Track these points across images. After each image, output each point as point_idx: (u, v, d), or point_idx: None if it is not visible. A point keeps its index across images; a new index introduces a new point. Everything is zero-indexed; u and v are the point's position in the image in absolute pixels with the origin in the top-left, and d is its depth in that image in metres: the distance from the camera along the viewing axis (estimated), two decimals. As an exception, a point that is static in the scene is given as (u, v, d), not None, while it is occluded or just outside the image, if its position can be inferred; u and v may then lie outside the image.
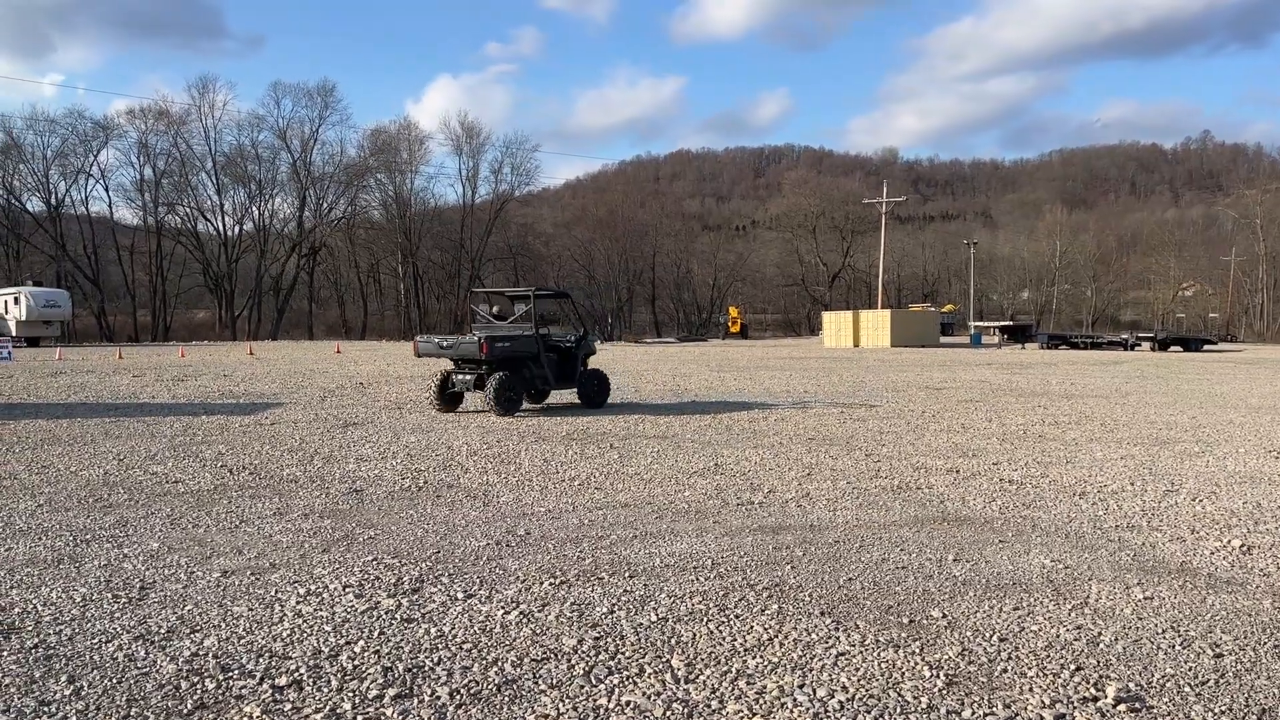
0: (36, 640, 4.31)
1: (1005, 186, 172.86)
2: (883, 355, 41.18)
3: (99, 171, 76.50)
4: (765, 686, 3.86)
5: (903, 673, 4.02)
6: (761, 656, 4.19)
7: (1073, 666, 4.11)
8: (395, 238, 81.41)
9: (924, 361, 34.13)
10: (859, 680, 3.93)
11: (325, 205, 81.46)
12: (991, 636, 4.47)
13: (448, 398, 14.70)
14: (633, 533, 6.55)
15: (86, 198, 77.38)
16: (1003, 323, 76.58)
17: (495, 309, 16.59)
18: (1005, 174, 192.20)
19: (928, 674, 4.00)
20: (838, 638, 4.43)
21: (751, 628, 4.56)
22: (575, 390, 15.47)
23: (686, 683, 3.89)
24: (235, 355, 36.28)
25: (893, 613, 4.81)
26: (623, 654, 4.20)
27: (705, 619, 4.69)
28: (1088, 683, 3.93)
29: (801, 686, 3.87)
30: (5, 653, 4.15)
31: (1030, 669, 4.08)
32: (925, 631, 4.53)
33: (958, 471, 9.25)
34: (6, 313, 52.52)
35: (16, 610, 4.75)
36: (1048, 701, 3.74)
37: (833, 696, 3.77)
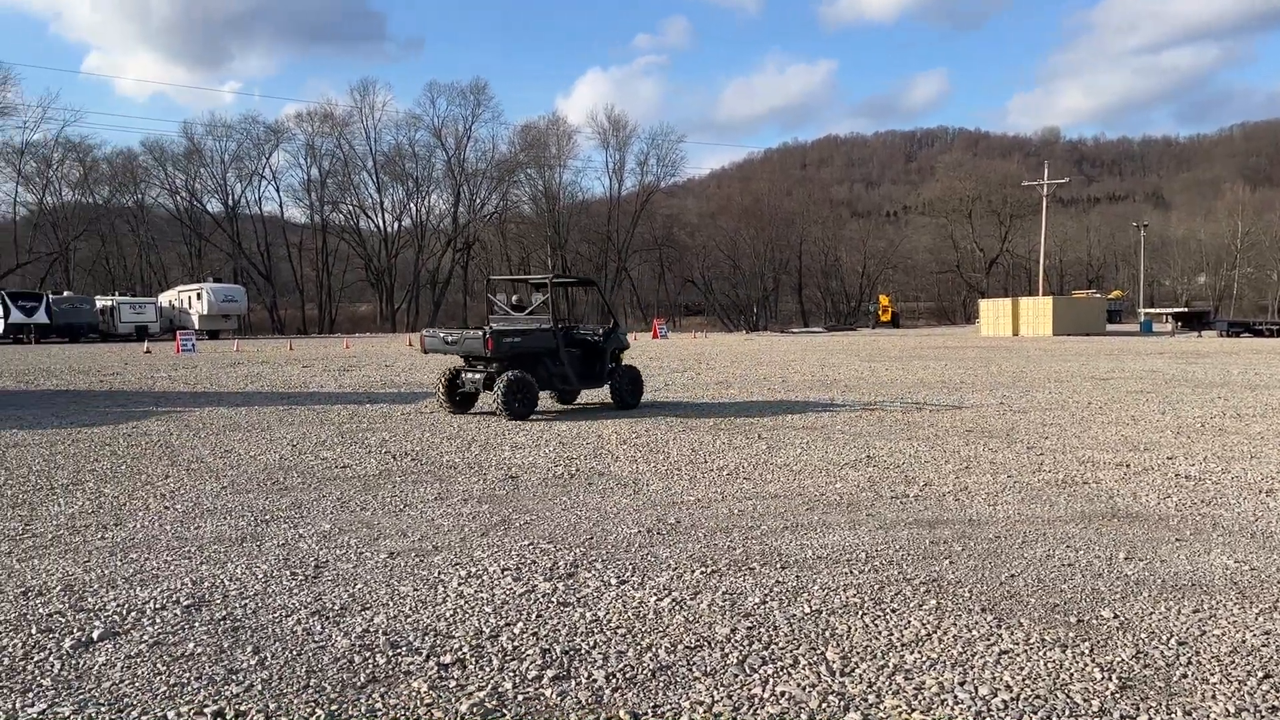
0: (224, 613, 4.63)
1: (1179, 165, 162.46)
2: (1044, 344, 39.44)
3: (271, 173, 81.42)
4: (924, 683, 3.77)
5: (1071, 674, 3.85)
6: (919, 652, 4.09)
7: (1260, 674, 3.84)
8: (544, 231, 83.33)
9: (1089, 351, 32.50)
10: (1023, 680, 3.79)
11: (478, 201, 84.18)
12: (1169, 639, 4.23)
13: (459, 399, 13.41)
14: (783, 524, 6.50)
15: (260, 198, 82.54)
16: (1176, 309, 72.11)
17: (515, 298, 14.90)
18: (1179, 151, 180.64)
19: (1099, 676, 3.82)
20: (1000, 635, 4.28)
21: (909, 623, 4.46)
22: (609, 390, 13.95)
23: (842, 675, 3.84)
24: (395, 347, 37.89)
25: (1059, 611, 4.61)
26: (776, 644, 4.18)
27: (860, 612, 4.61)
28: (1278, 691, 3.67)
29: (962, 684, 3.75)
30: (197, 623, 4.47)
31: (1213, 675, 3.83)
32: (1095, 632, 4.32)
33: (1128, 466, 8.77)
34: (190, 307, 56.47)
35: (206, 584, 5.10)
36: (1233, 710, 3.51)
37: (995, 695, 3.64)
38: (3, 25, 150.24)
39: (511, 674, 3.85)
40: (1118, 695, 3.64)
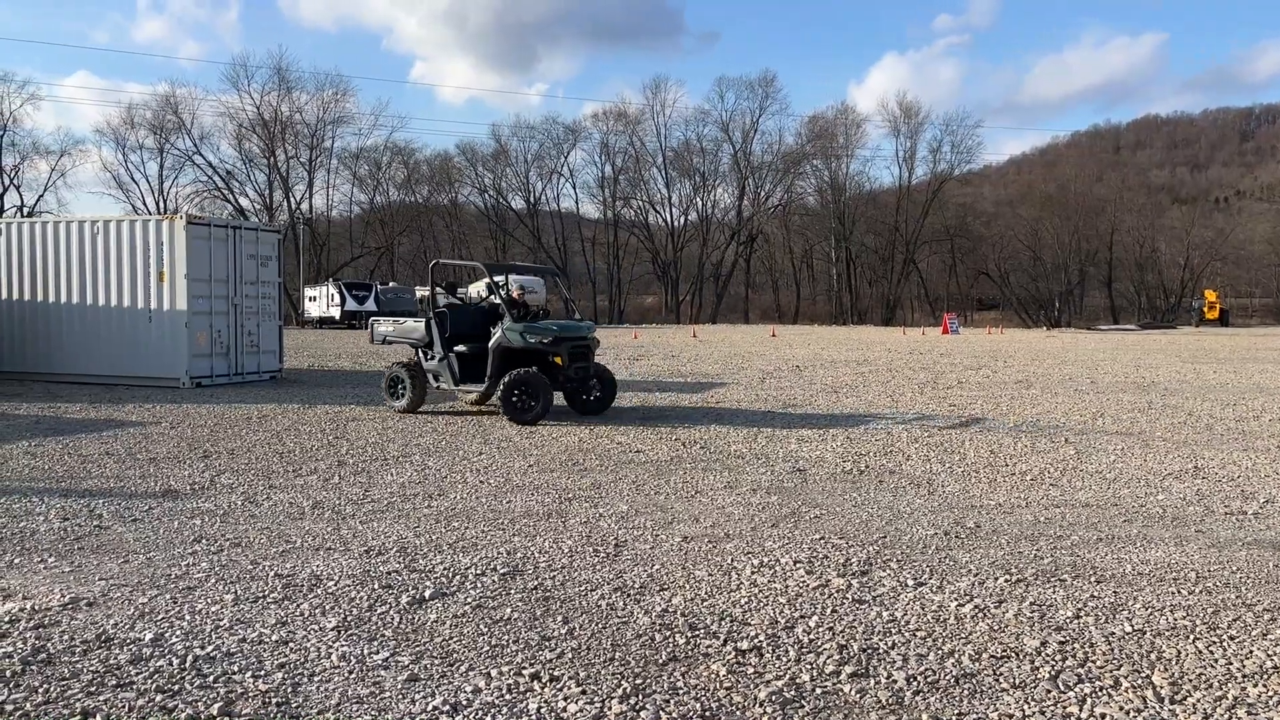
0: (536, 583, 4.95)
1: None
2: None
3: (568, 171, 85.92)
4: (1272, 722, 3.37)
5: None
6: (1265, 686, 3.66)
7: None
8: (829, 223, 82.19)
9: None
10: (1402, 733, 3.29)
11: (763, 194, 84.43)
12: None
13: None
14: (1096, 535, 6.04)
15: (558, 195, 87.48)
16: None
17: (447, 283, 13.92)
18: None
19: None
20: (1369, 679, 3.74)
21: (1250, 652, 4.00)
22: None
23: (1172, 703, 3.51)
24: (680, 338, 38.84)
25: None
26: (1093, 662, 3.89)
27: (1191, 636, 4.19)
28: None
29: (1321, 729, 3.32)
30: (513, 591, 4.81)
31: None
32: None
33: None
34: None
35: (519, 555, 5.49)
36: None
37: (1366, 747, 3.19)
38: (344, 42, 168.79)
39: (809, 666, 3.84)
40: None
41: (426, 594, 4.72)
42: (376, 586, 4.85)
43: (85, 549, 5.59)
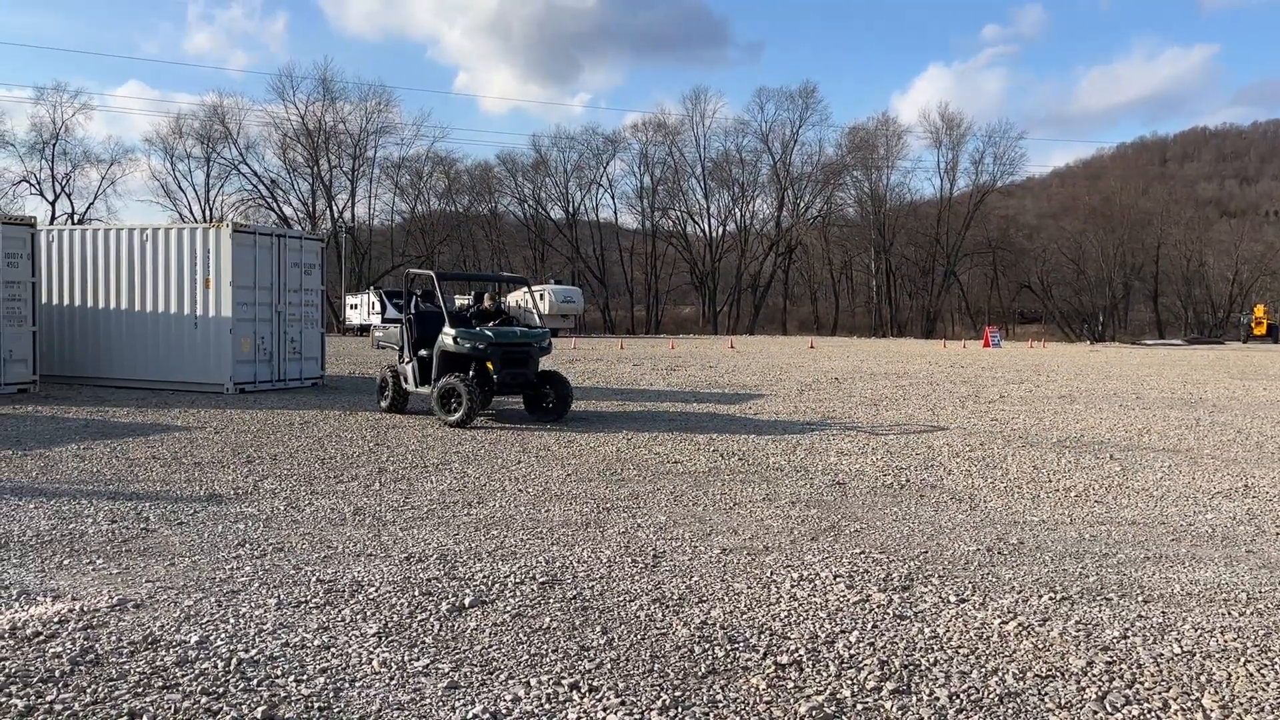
0: (575, 592, 4.95)
1: None
2: None
3: (607, 181, 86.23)
4: (1329, 750, 3.28)
5: None
6: (1321, 714, 3.57)
7: None
8: (869, 234, 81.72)
9: None
10: None
11: (802, 204, 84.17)
12: None
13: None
14: (1144, 553, 5.93)
15: (597, 205, 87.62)
16: None
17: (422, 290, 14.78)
18: None
19: None
20: None
21: (1305, 678, 3.91)
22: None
23: (1224, 729, 3.43)
24: (718, 349, 38.74)
25: None
26: (1141, 684, 3.81)
27: (1242, 659, 4.10)
28: None
29: (1380, 758, 3.23)
30: (552, 600, 4.82)
31: None
32: None
33: None
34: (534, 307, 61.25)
35: (557, 564, 5.49)
36: None
37: None
38: (389, 53, 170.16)
39: (849, 682, 3.81)
40: None
41: (466, 602, 4.74)
42: (417, 593, 4.88)
43: (132, 551, 5.68)
